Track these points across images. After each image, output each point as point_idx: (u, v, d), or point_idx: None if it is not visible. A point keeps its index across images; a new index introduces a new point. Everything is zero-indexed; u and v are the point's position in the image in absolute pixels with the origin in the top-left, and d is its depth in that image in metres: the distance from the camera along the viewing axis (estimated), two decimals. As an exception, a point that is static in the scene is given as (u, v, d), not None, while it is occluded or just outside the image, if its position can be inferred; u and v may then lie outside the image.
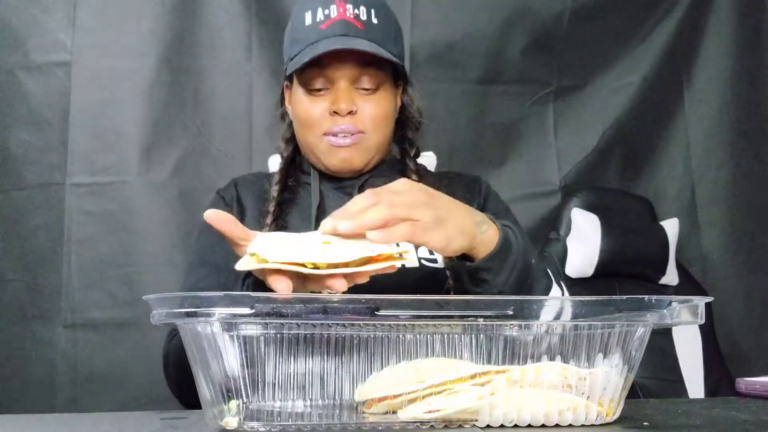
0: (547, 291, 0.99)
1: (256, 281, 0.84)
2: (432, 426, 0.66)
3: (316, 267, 0.73)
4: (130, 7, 1.71)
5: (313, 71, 1.17)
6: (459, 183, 1.27)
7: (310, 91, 1.19)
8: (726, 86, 1.95)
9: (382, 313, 0.65)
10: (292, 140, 1.29)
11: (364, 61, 1.17)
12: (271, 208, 1.18)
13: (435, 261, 1.11)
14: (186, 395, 1.12)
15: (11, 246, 1.66)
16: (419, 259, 1.11)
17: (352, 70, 1.17)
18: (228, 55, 1.75)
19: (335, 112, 1.17)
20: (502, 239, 0.89)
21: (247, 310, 0.63)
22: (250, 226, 1.15)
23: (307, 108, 1.19)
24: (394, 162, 1.28)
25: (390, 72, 1.22)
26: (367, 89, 1.19)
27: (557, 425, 0.67)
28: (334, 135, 1.17)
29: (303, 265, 0.72)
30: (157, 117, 1.70)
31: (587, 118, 1.92)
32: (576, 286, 1.73)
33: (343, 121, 1.17)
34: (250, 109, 1.75)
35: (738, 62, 1.95)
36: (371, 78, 1.18)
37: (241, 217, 1.22)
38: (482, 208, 1.23)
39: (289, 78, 1.25)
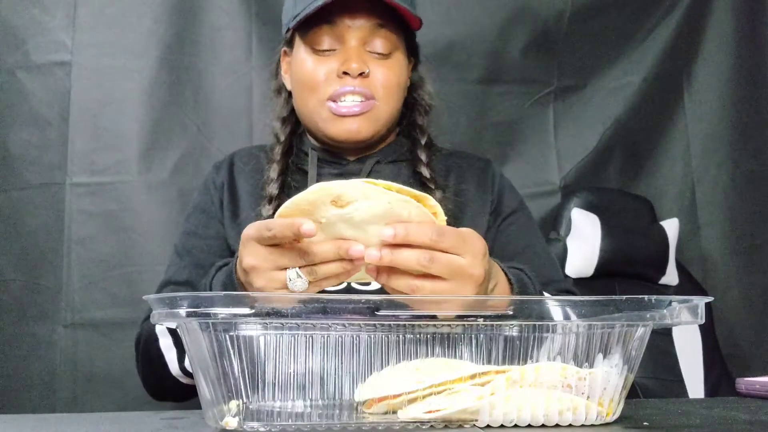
0: None
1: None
2: (432, 426, 0.66)
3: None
4: (130, 6, 1.71)
5: (322, 28, 1.08)
6: (470, 172, 1.19)
7: (316, 50, 1.09)
8: (726, 86, 1.95)
9: (382, 313, 0.65)
10: (290, 118, 1.17)
11: (378, 22, 1.08)
12: (269, 211, 1.08)
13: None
14: (149, 379, 1.11)
15: (11, 246, 1.66)
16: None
17: (365, 29, 1.07)
18: (228, 54, 1.75)
19: (345, 73, 1.06)
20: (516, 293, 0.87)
21: (247, 310, 0.63)
22: (245, 213, 1.13)
23: (312, 68, 1.08)
24: (402, 143, 1.18)
25: (403, 41, 1.13)
26: (379, 53, 1.09)
27: (557, 425, 0.67)
28: (341, 100, 1.07)
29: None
30: (157, 117, 1.70)
31: (587, 118, 1.92)
32: (576, 286, 1.72)
33: (353, 83, 1.06)
34: (251, 108, 1.75)
35: (738, 62, 1.95)
36: (385, 41, 1.09)
37: (233, 204, 1.14)
38: (496, 206, 1.16)
39: (289, 43, 1.15)
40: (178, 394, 1.07)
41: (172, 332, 1.01)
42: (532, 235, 1.18)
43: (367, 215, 0.71)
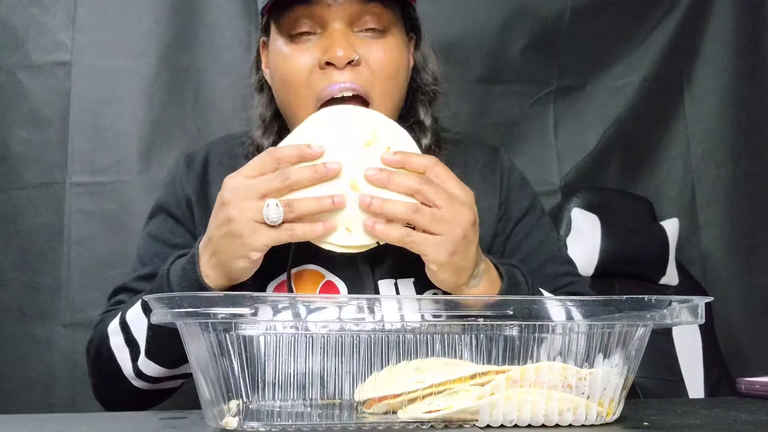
0: None
1: None
2: (432, 426, 0.66)
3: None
4: (130, 6, 1.70)
5: (297, 11, 0.89)
6: (476, 168, 1.04)
7: (293, 36, 0.91)
8: (726, 86, 1.95)
9: (382, 313, 0.65)
10: (272, 124, 1.00)
11: None
12: None
13: None
14: (101, 386, 1.00)
15: (11, 246, 1.66)
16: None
17: (350, 6, 0.89)
18: (228, 54, 1.75)
19: (329, 63, 0.88)
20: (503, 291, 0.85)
21: (247, 311, 0.63)
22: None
23: (290, 60, 0.91)
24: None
25: (400, 16, 0.95)
26: (372, 29, 0.91)
27: (557, 425, 0.67)
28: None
29: None
30: (157, 117, 1.70)
31: (587, 118, 1.91)
32: (576, 286, 1.73)
33: (342, 77, 0.88)
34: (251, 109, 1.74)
35: (738, 62, 1.95)
36: (376, 17, 0.90)
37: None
38: (505, 211, 1.04)
39: (266, 30, 0.98)
40: (132, 400, 0.94)
41: (124, 329, 0.89)
42: (543, 233, 1.08)
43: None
